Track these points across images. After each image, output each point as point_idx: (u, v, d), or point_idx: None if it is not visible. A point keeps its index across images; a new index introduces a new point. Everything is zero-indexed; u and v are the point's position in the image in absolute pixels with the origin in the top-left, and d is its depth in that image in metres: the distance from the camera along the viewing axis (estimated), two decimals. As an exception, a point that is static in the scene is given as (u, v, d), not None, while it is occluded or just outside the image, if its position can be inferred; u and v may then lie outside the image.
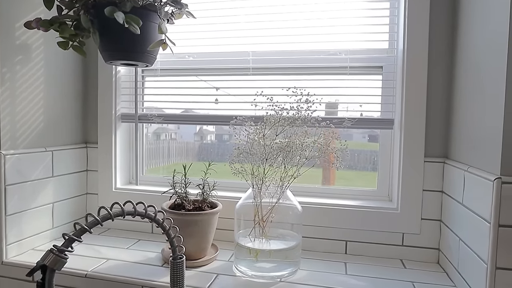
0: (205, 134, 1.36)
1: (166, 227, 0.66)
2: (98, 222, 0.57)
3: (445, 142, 1.01)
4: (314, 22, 1.11)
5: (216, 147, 1.34)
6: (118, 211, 0.59)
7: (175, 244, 0.69)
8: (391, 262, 1.01)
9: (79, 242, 0.57)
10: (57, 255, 0.53)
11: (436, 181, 1.01)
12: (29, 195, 1.02)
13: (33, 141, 1.04)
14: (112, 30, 0.89)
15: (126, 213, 0.60)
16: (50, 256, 0.53)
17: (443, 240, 0.98)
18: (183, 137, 1.36)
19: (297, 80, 1.13)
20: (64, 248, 0.54)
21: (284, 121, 0.88)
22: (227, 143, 1.33)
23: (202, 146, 1.35)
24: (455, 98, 0.96)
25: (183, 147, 1.34)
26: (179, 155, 1.34)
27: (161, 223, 0.65)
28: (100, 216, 0.57)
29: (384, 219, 1.04)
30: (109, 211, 0.59)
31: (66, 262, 0.56)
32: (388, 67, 1.09)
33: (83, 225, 0.56)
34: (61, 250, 0.54)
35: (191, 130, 1.35)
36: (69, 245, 0.55)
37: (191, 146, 1.34)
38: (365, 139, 1.26)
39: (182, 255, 0.70)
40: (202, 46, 1.19)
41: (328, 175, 1.24)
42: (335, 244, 1.08)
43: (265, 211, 0.93)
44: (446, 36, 0.99)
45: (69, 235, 0.55)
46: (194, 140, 1.35)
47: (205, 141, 1.36)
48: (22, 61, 0.99)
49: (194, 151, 1.34)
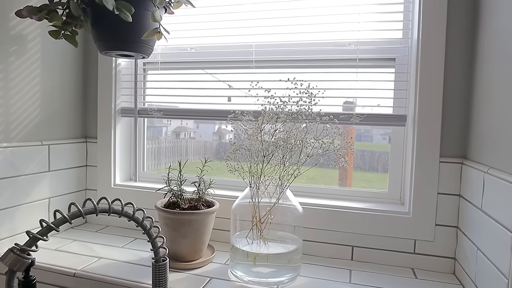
0: (224, 133, 1.36)
1: (147, 227, 0.61)
2: (66, 220, 0.52)
3: (463, 141, 0.91)
4: (320, 10, 1.03)
5: None
6: (90, 208, 0.55)
7: (157, 245, 0.63)
8: (401, 271, 0.93)
9: (45, 241, 0.52)
10: (18, 255, 0.49)
11: (452, 183, 0.91)
12: (24, 190, 0.99)
13: (29, 134, 1.01)
14: (104, 18, 0.85)
15: (100, 211, 0.55)
16: (10, 256, 0.49)
17: (460, 249, 0.89)
18: (201, 136, 1.36)
19: (303, 73, 1.05)
20: (26, 247, 0.50)
21: (283, 116, 0.82)
22: None
23: (220, 145, 1.34)
24: (476, 93, 0.86)
25: (201, 146, 1.35)
26: (197, 153, 1.34)
27: (140, 222, 0.60)
28: (69, 214, 0.53)
29: (395, 224, 0.96)
30: (79, 208, 0.54)
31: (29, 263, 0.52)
32: (402, 58, 1.01)
33: (49, 223, 0.51)
34: (23, 250, 0.50)
35: (209, 130, 1.36)
36: (33, 244, 0.51)
37: (209, 145, 1.35)
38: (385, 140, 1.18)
39: (165, 257, 0.65)
40: (204, 38, 1.14)
41: (344, 175, 1.16)
42: (340, 249, 1.00)
43: (263, 211, 0.87)
44: (466, 23, 0.89)
45: (33, 234, 0.51)
46: (213, 139, 1.35)
47: (223, 140, 1.35)
48: (16, 52, 0.96)
49: (212, 150, 1.35)
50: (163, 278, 0.65)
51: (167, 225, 0.91)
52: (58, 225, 0.52)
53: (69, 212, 0.54)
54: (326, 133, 0.81)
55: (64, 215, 0.52)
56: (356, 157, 1.12)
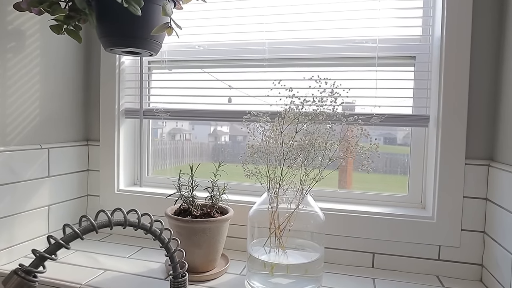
0: (219, 135, 1.32)
1: (165, 240, 0.55)
2: (78, 235, 0.46)
3: (490, 142, 0.87)
4: (336, 6, 0.98)
5: (230, 148, 1.30)
6: (104, 222, 0.49)
7: (176, 260, 0.58)
8: (426, 279, 0.88)
9: (53, 260, 0.46)
10: (23, 277, 0.43)
11: (479, 187, 0.87)
12: (22, 197, 0.92)
13: (27, 137, 0.94)
14: (110, 11, 0.80)
15: (115, 224, 0.49)
16: (14, 279, 0.43)
17: (488, 255, 0.85)
18: (197, 138, 1.32)
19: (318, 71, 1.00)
20: (32, 268, 0.44)
21: (305, 117, 0.76)
22: (241, 144, 1.29)
23: (216, 146, 1.30)
24: (504, 91, 0.82)
25: (197, 148, 1.30)
26: (193, 155, 1.30)
27: (158, 235, 0.54)
28: (80, 228, 0.47)
29: (418, 229, 0.91)
30: (92, 221, 0.48)
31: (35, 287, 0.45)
32: (422, 56, 0.96)
33: (57, 239, 0.45)
34: (29, 272, 0.43)
35: (205, 131, 1.32)
36: (40, 264, 0.44)
37: (205, 146, 1.31)
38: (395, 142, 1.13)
39: (184, 273, 0.59)
40: (213, 35, 1.08)
41: (345, 177, 1.11)
42: (361, 256, 0.95)
43: (282, 218, 0.81)
44: (492, 18, 0.85)
45: (39, 252, 0.45)
46: (208, 141, 1.31)
47: (219, 142, 1.31)
48: (14, 49, 0.89)
49: (208, 151, 1.30)
50: (183, 295, 0.59)
51: (179, 233, 0.84)
52: (69, 242, 0.46)
53: (80, 225, 0.48)
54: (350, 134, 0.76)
55: (75, 230, 0.46)
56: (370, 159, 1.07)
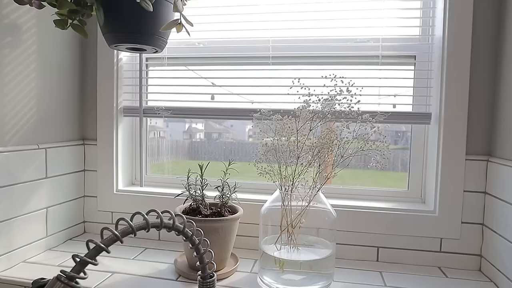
0: (194, 132, 1.32)
1: (196, 241, 0.54)
2: (117, 238, 0.45)
3: (489, 139, 0.91)
4: (340, 5, 1.00)
5: (206, 145, 1.30)
6: (142, 224, 0.47)
7: (205, 261, 0.57)
8: (430, 270, 0.92)
9: (95, 265, 0.45)
10: (66, 283, 0.41)
11: (478, 181, 0.92)
12: (20, 199, 0.88)
13: (24, 137, 0.90)
14: (119, 7, 0.77)
15: (152, 226, 0.48)
16: (57, 286, 0.41)
17: (488, 246, 0.89)
18: (172, 136, 1.31)
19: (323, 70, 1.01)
20: (75, 274, 0.42)
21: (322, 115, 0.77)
22: (217, 141, 1.30)
23: (192, 144, 1.30)
24: (503, 90, 0.86)
25: (173, 146, 1.29)
26: (169, 153, 1.28)
27: (190, 237, 0.53)
28: (119, 231, 0.45)
29: (420, 223, 0.94)
30: (130, 223, 0.46)
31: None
32: (422, 56, 0.99)
33: (98, 242, 0.44)
34: (71, 277, 0.41)
35: (180, 128, 1.31)
36: (81, 269, 0.43)
37: (181, 144, 1.30)
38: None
39: (213, 273, 0.59)
40: (215, 32, 1.07)
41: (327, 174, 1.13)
42: (366, 250, 0.98)
43: (293, 215, 0.82)
44: (492, 18, 0.89)
45: (81, 257, 0.43)
46: (184, 138, 1.30)
47: (194, 139, 1.31)
48: (11, 44, 0.84)
49: (184, 149, 1.29)
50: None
51: (190, 234, 0.83)
52: (109, 245, 0.44)
53: (116, 229, 0.46)
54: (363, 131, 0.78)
55: (115, 232, 0.45)
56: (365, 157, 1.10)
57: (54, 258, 0.93)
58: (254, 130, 1.28)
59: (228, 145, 1.27)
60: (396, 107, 0.97)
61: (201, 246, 0.55)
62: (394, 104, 0.99)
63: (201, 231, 0.56)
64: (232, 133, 1.30)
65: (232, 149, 1.26)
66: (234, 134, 1.29)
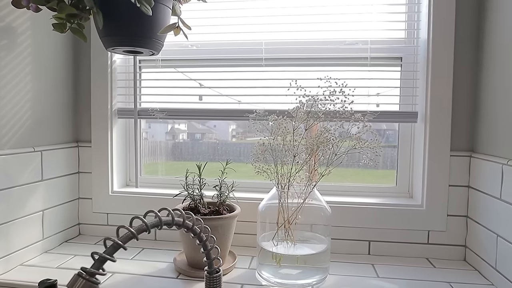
0: (177, 133, 1.32)
1: (203, 238, 0.57)
2: (133, 235, 0.47)
3: (472, 135, 0.97)
4: (331, 9, 1.04)
5: (191, 146, 1.31)
6: (155, 221, 0.49)
7: (212, 257, 0.59)
8: (418, 262, 0.97)
9: (113, 261, 0.46)
10: (87, 279, 0.42)
11: (462, 175, 0.97)
12: (18, 202, 0.88)
13: (21, 140, 0.90)
14: (118, 10, 0.78)
15: (164, 223, 0.50)
16: (80, 282, 0.42)
17: (472, 237, 0.95)
18: (154, 137, 1.31)
19: (315, 71, 1.05)
20: (95, 270, 0.44)
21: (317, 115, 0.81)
22: (200, 142, 1.31)
23: (175, 145, 1.30)
24: (485, 88, 0.92)
25: (156, 147, 1.29)
26: (152, 154, 1.28)
27: (198, 233, 0.56)
28: (135, 228, 0.47)
29: (408, 217, 0.99)
30: (144, 221, 0.48)
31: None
32: (408, 57, 1.04)
33: (116, 240, 0.45)
34: (92, 273, 0.43)
35: (162, 129, 1.31)
36: (100, 266, 0.44)
37: (164, 145, 1.30)
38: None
39: (219, 269, 0.61)
40: (209, 35, 1.09)
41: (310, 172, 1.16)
42: (358, 244, 1.02)
43: (289, 212, 0.85)
44: (473, 20, 0.95)
45: (100, 254, 0.45)
46: (166, 139, 1.30)
47: (177, 140, 1.31)
48: (6, 47, 0.84)
49: (167, 150, 1.30)
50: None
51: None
52: (125, 242, 0.46)
53: (130, 225, 0.48)
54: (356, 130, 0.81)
55: (131, 230, 0.46)
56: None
57: (51, 260, 0.94)
58: (238, 130, 1.31)
59: (212, 145, 1.28)
60: (380, 106, 1.02)
61: (208, 243, 0.58)
62: (378, 104, 1.03)
63: (208, 228, 0.58)
64: (216, 133, 1.31)
65: (215, 149, 1.27)
66: (218, 134, 1.30)
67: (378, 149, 0.81)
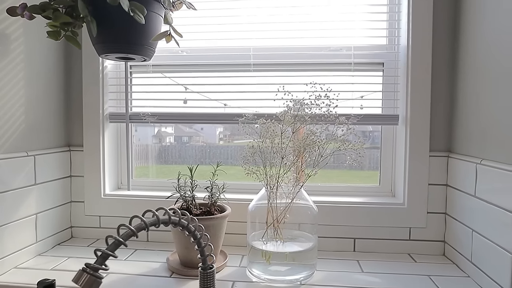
0: (164, 136, 1.33)
1: (198, 235, 0.60)
2: (133, 233, 0.50)
3: (449, 137, 1.03)
4: (315, 17, 1.08)
5: (178, 149, 1.32)
6: (153, 220, 0.52)
7: (206, 253, 0.63)
8: (401, 257, 1.02)
9: (115, 257, 0.49)
10: (91, 274, 0.45)
11: (440, 175, 1.03)
12: (11, 206, 0.89)
13: (14, 145, 0.91)
14: (112, 19, 0.81)
15: (161, 221, 0.53)
16: (84, 277, 0.45)
17: (450, 232, 1.00)
18: (140, 140, 1.31)
19: (301, 76, 1.09)
20: (98, 265, 0.46)
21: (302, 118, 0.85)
22: (187, 145, 1.32)
23: (162, 148, 1.31)
24: (461, 92, 0.98)
25: (143, 150, 1.30)
26: (138, 158, 1.29)
27: (192, 231, 0.59)
28: (134, 226, 0.50)
29: (391, 215, 1.04)
30: (143, 219, 0.52)
31: (101, 283, 0.48)
32: (389, 63, 1.10)
33: (117, 237, 0.48)
34: (96, 269, 0.46)
35: (149, 133, 1.32)
36: (103, 262, 0.47)
37: (151, 148, 1.31)
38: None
39: (212, 265, 0.64)
40: (199, 41, 1.12)
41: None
42: (344, 242, 1.06)
43: (278, 212, 0.89)
44: (449, 28, 1.01)
45: (102, 250, 0.48)
46: (153, 143, 1.31)
47: (164, 143, 1.33)
48: (0, 53, 0.86)
49: (154, 153, 1.31)
50: (211, 283, 0.64)
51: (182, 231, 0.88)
52: (126, 239, 0.49)
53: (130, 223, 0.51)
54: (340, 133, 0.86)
55: (131, 228, 0.50)
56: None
57: (45, 263, 0.95)
58: (225, 133, 1.33)
59: (200, 148, 1.29)
60: (364, 110, 1.07)
61: (202, 240, 0.61)
62: (362, 107, 1.08)
63: (202, 227, 0.62)
64: (203, 136, 1.32)
65: (203, 152, 1.28)
66: (205, 137, 1.31)
67: (361, 151, 0.86)
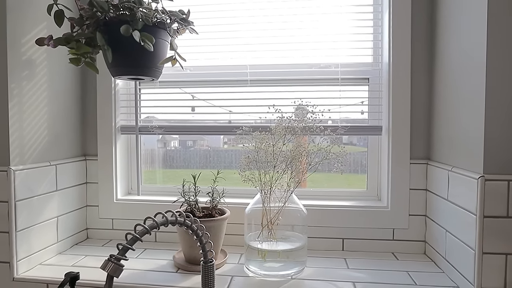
0: (169, 140, 1.38)
1: (200, 234, 0.71)
2: (147, 231, 0.61)
3: (427, 146, 1.13)
4: (306, 38, 1.20)
5: (183, 154, 1.38)
6: (162, 220, 0.64)
7: (206, 249, 0.74)
8: (385, 256, 1.12)
9: (133, 250, 0.60)
10: (115, 263, 0.57)
11: (420, 180, 1.13)
12: (37, 210, 1.02)
13: (39, 155, 1.04)
14: (124, 46, 0.93)
15: (169, 222, 0.65)
16: (110, 265, 0.57)
17: (429, 233, 1.11)
18: (145, 144, 1.36)
19: (294, 91, 1.21)
20: (120, 256, 0.58)
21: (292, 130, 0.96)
22: (191, 149, 1.37)
23: (167, 153, 1.37)
24: (436, 105, 1.09)
25: (148, 154, 1.36)
26: (144, 162, 1.35)
27: (195, 230, 0.70)
28: (147, 225, 0.62)
29: (377, 217, 1.15)
30: (155, 219, 0.63)
31: (122, 270, 0.60)
32: (374, 79, 1.21)
33: (134, 234, 0.60)
34: (118, 259, 0.58)
35: (153, 137, 1.36)
36: (124, 254, 0.59)
37: (156, 153, 1.36)
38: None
39: (212, 259, 0.76)
40: (201, 60, 1.25)
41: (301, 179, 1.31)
42: (333, 242, 1.17)
43: (272, 214, 1.00)
44: (426, 47, 1.11)
45: (123, 244, 0.59)
46: (158, 147, 1.37)
47: (169, 147, 1.38)
48: (28, 77, 0.99)
49: (159, 158, 1.36)
50: (211, 275, 0.75)
51: (187, 232, 1.00)
52: (142, 236, 0.61)
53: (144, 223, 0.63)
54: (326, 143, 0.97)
55: (145, 226, 0.61)
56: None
57: (65, 260, 1.07)
58: (229, 137, 1.39)
59: (204, 152, 1.34)
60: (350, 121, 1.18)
61: (203, 238, 0.72)
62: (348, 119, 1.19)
63: (203, 226, 0.73)
64: (207, 140, 1.36)
65: (207, 156, 1.33)
66: (209, 141, 1.35)
67: (344, 159, 0.97)
